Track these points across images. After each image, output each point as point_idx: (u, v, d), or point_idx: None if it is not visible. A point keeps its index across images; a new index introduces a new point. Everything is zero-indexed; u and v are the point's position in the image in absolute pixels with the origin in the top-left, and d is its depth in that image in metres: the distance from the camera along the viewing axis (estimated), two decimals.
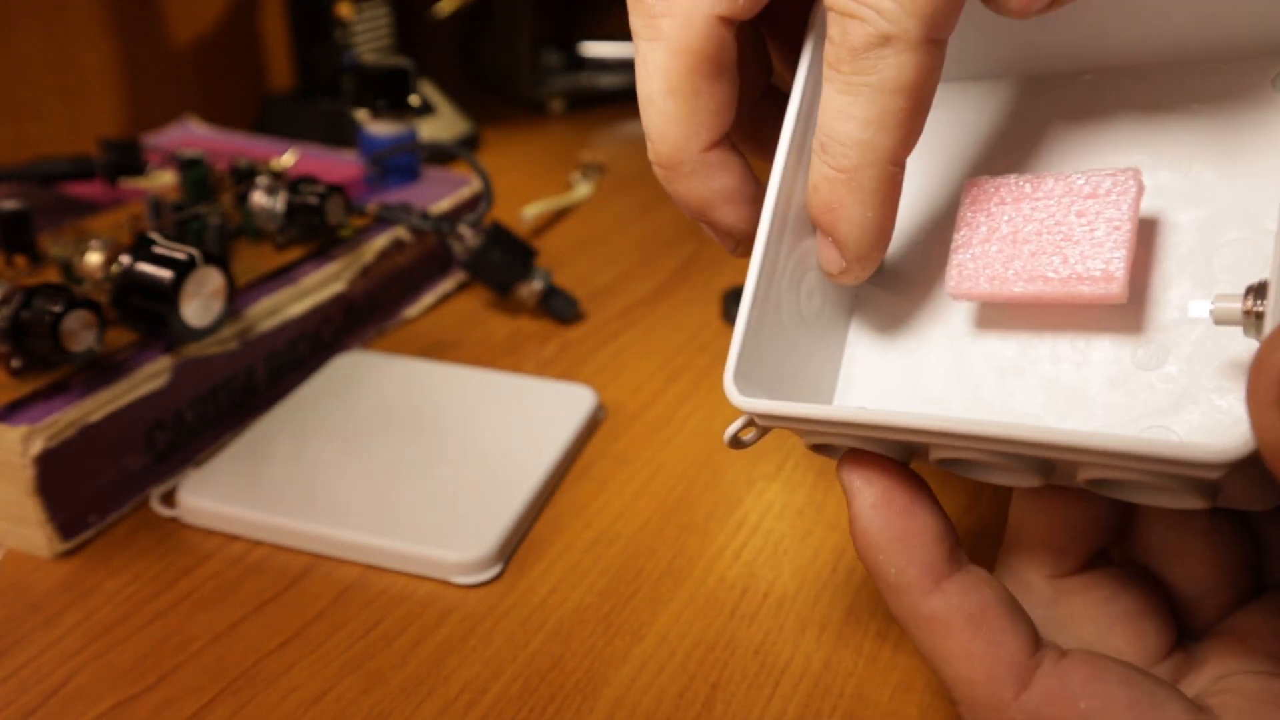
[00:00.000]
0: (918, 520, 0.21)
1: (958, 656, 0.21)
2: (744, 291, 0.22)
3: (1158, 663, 0.22)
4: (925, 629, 0.21)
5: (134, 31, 0.60)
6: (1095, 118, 0.23)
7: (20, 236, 0.36)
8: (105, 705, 0.26)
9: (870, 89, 0.20)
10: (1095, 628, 0.23)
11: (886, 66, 0.20)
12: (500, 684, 0.27)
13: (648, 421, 0.38)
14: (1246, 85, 0.22)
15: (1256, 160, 0.21)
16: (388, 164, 0.49)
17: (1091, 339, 0.21)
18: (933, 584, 0.21)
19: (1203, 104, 0.22)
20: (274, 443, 0.35)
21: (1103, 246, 0.20)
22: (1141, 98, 0.23)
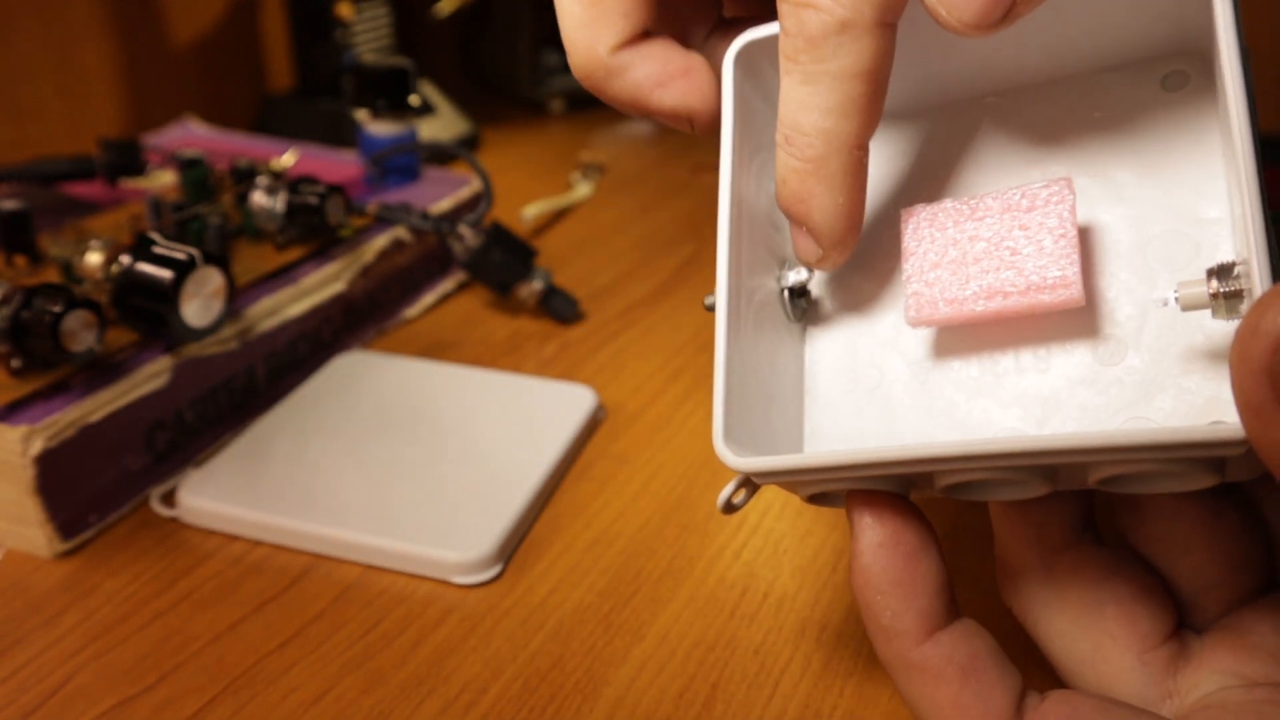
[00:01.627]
0: (922, 567, 0.21)
1: (947, 707, 0.21)
2: (716, 345, 0.22)
3: (1152, 649, 0.22)
4: (915, 677, 0.21)
5: (134, 31, 0.60)
6: (1006, 137, 0.24)
7: (20, 236, 0.36)
8: (105, 705, 0.26)
9: (830, 77, 0.20)
10: (1087, 610, 0.22)
11: (846, 53, 0.20)
12: (500, 684, 0.27)
13: (648, 421, 0.38)
14: (1140, 89, 0.23)
15: (1166, 156, 0.22)
16: (388, 164, 0.49)
17: (1051, 346, 0.22)
18: (927, 633, 0.21)
19: (1104, 111, 0.23)
20: (274, 443, 0.35)
21: (1053, 255, 0.21)
22: (1047, 112, 0.24)
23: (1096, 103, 0.23)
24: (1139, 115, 0.23)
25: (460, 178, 0.51)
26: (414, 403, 0.37)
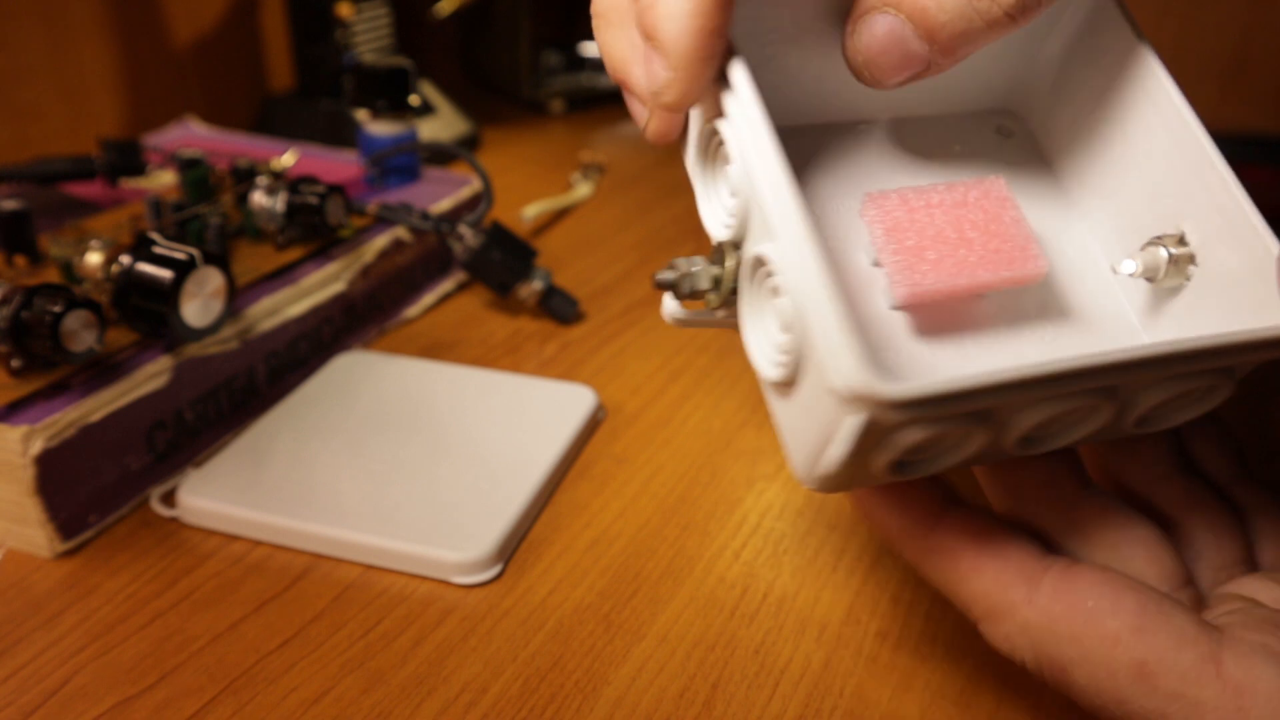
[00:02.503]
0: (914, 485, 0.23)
1: (968, 573, 0.22)
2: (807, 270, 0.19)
3: (1179, 589, 0.23)
4: (935, 560, 0.22)
5: (134, 32, 0.60)
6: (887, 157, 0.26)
7: (21, 236, 0.36)
8: (105, 705, 0.26)
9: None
10: (1113, 548, 0.23)
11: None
12: (500, 683, 0.27)
13: (648, 421, 0.38)
14: (983, 133, 0.27)
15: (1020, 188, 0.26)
16: (388, 164, 0.49)
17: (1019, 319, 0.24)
18: (935, 520, 0.22)
19: (962, 146, 0.27)
20: (274, 443, 0.35)
21: (1014, 235, 0.23)
22: (920, 142, 0.26)
23: (956, 139, 0.27)
24: (982, 154, 0.26)
25: (460, 178, 0.51)
26: (414, 403, 0.37)
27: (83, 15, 0.57)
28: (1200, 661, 0.20)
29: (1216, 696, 0.19)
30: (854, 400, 0.18)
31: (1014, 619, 0.21)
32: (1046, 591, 0.21)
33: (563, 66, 0.78)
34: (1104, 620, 0.20)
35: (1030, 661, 0.21)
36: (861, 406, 0.18)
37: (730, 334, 0.45)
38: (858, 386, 0.18)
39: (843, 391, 0.18)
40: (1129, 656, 0.20)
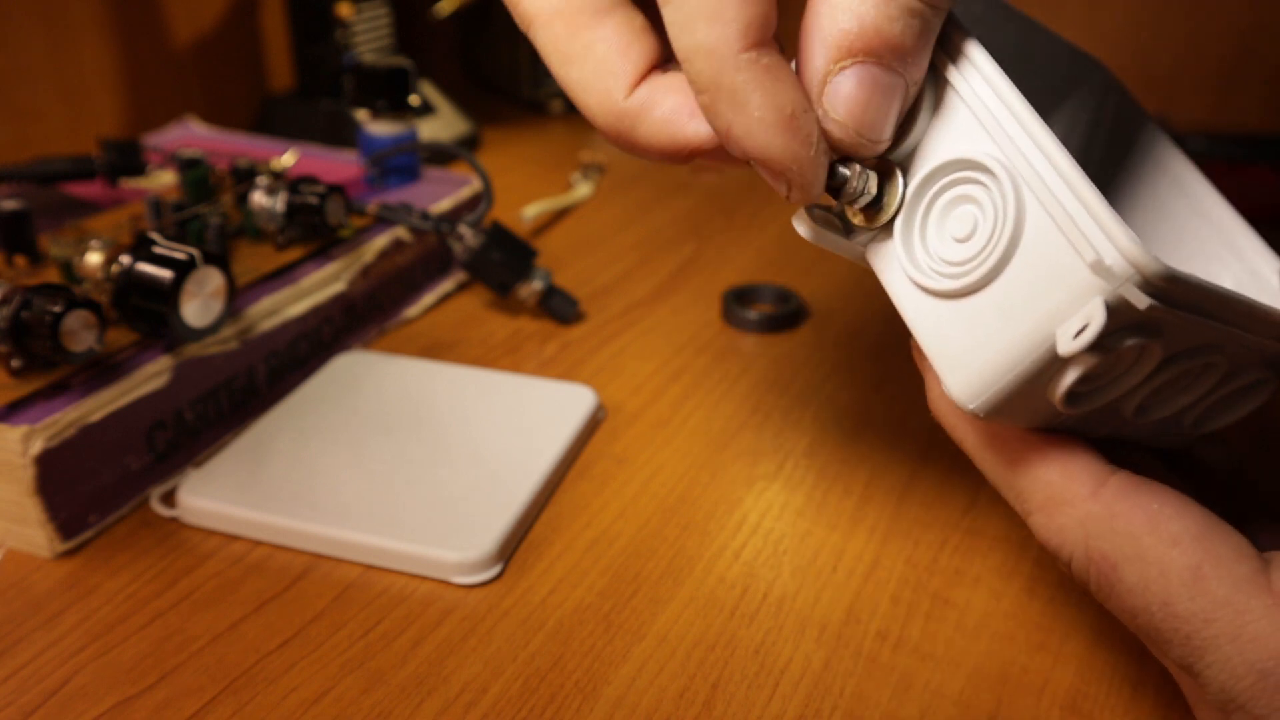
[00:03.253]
0: None
1: (1035, 460, 0.22)
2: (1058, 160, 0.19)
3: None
4: (1002, 445, 0.22)
5: (134, 32, 0.60)
6: None
7: (21, 236, 0.36)
8: (106, 705, 0.26)
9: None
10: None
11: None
12: (500, 683, 0.27)
13: (648, 421, 0.38)
14: None
15: None
16: (388, 164, 0.49)
17: None
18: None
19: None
20: (274, 443, 0.35)
21: None
22: None
23: None
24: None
25: (460, 178, 0.51)
26: (414, 403, 0.37)
27: (83, 15, 0.57)
28: (1253, 574, 0.20)
29: (1264, 607, 0.20)
30: (1114, 270, 0.18)
31: (1074, 510, 0.21)
32: (1112, 488, 0.21)
33: None
34: (1168, 522, 0.21)
35: (1079, 556, 0.21)
36: (1117, 280, 0.18)
37: (730, 335, 0.45)
38: (1134, 255, 0.18)
39: (1114, 264, 0.18)
40: (1186, 559, 0.20)
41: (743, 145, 0.20)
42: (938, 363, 0.21)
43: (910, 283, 0.21)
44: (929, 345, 0.21)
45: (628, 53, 0.21)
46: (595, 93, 0.21)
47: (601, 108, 0.21)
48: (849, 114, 0.20)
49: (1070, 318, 0.18)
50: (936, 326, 0.21)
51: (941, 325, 0.21)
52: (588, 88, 0.21)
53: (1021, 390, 0.20)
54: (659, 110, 0.21)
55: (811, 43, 0.20)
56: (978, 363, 0.20)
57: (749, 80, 0.19)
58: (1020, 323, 0.19)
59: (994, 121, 0.20)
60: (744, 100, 0.19)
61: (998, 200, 0.20)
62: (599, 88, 0.21)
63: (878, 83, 0.20)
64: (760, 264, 0.52)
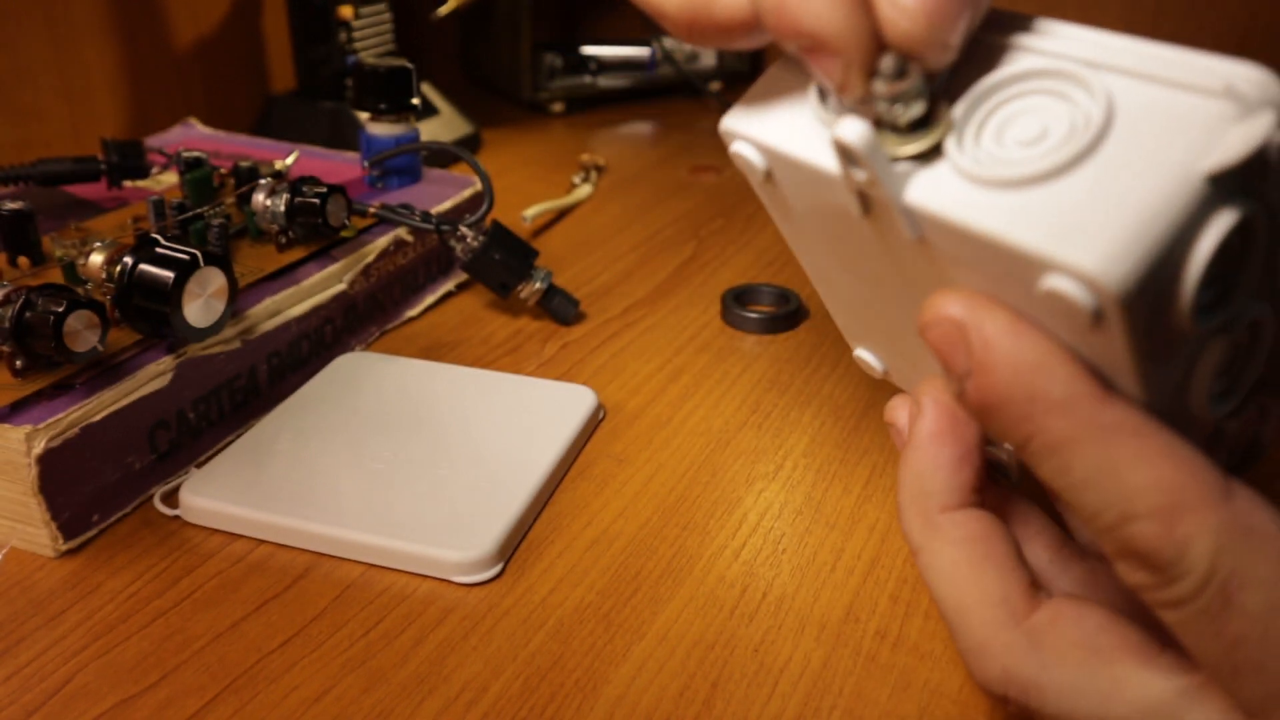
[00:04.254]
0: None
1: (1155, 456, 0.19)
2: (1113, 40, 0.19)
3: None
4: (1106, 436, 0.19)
5: (136, 33, 0.60)
6: None
7: (24, 237, 0.37)
8: (107, 704, 0.26)
9: None
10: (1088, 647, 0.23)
11: None
12: (501, 682, 0.27)
13: (648, 421, 0.39)
14: None
15: None
16: (389, 165, 0.49)
17: None
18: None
19: None
20: (276, 442, 0.35)
21: None
22: None
23: None
24: None
25: (461, 179, 0.51)
26: (415, 403, 0.37)
27: (85, 16, 0.57)
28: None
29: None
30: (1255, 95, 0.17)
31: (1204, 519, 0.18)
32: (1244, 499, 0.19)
33: (563, 68, 0.78)
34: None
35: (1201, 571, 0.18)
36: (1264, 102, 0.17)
37: (730, 335, 0.45)
38: (1265, 78, 0.17)
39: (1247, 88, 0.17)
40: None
41: (797, 15, 0.18)
42: (1045, 250, 0.17)
43: (981, 187, 0.18)
44: (1026, 240, 0.18)
45: None
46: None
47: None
48: (918, 4, 0.18)
49: (1211, 148, 0.17)
50: (1032, 217, 0.18)
51: (1038, 213, 0.18)
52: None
53: (1168, 254, 0.17)
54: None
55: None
56: (1111, 227, 0.17)
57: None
58: (1153, 174, 0.17)
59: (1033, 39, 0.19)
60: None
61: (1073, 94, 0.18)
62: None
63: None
64: (760, 264, 0.52)
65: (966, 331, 0.19)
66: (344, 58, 0.65)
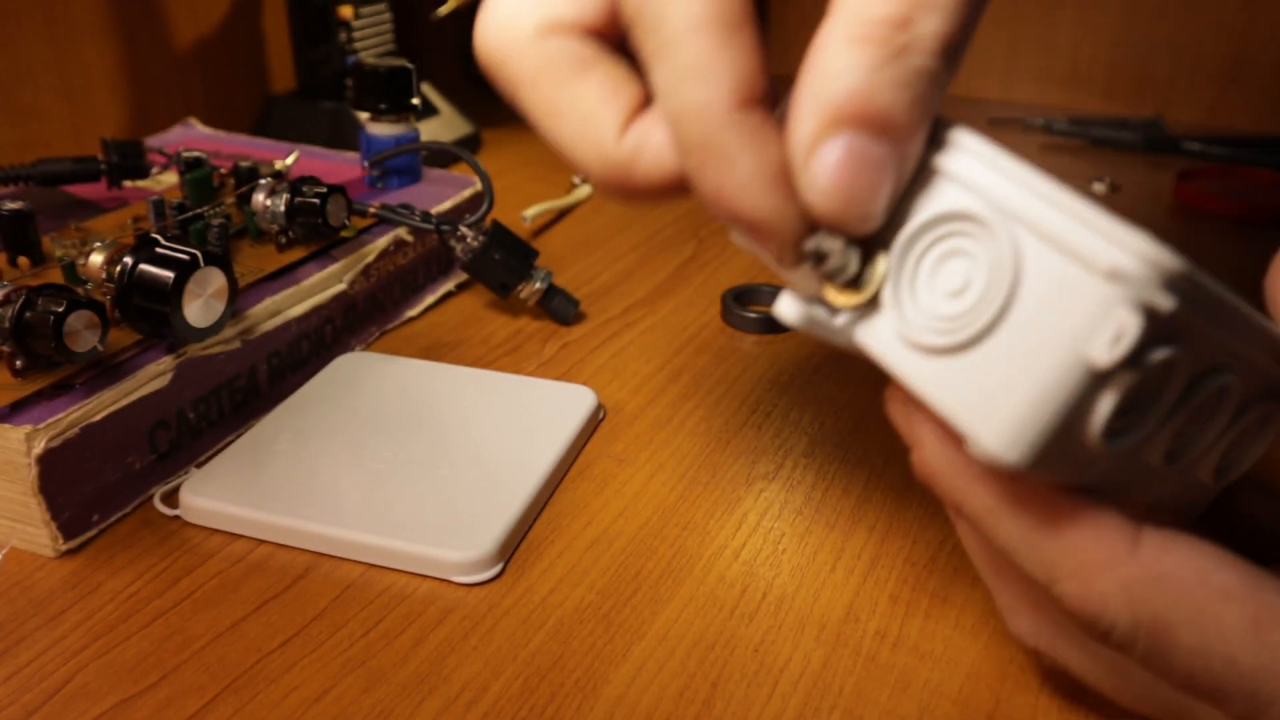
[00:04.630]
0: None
1: (1063, 523, 0.20)
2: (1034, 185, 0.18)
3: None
4: (1024, 508, 0.20)
5: (136, 33, 0.60)
6: None
7: (24, 237, 0.37)
8: (107, 704, 0.26)
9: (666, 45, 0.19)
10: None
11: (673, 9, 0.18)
12: (501, 682, 0.27)
13: (648, 421, 0.39)
14: None
15: None
16: (389, 165, 0.49)
17: None
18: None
19: None
20: (276, 442, 0.35)
21: None
22: None
23: None
24: None
25: (461, 179, 0.51)
26: (415, 403, 0.37)
27: (85, 16, 0.57)
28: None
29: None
30: (1133, 274, 0.17)
31: (1114, 575, 0.19)
32: (1149, 546, 0.20)
33: None
34: (1215, 575, 0.19)
35: (1124, 622, 0.20)
36: (1139, 282, 0.17)
37: (730, 335, 0.45)
38: (1151, 253, 0.17)
39: (1131, 269, 0.17)
40: (1243, 612, 0.19)
41: (730, 206, 0.19)
42: (961, 422, 0.19)
43: (911, 348, 0.20)
44: (947, 407, 0.19)
45: (614, 100, 0.21)
46: (586, 143, 0.21)
47: (595, 157, 0.21)
48: (833, 187, 0.18)
49: (1096, 334, 0.17)
50: (951, 386, 0.19)
51: (956, 383, 0.19)
52: (578, 139, 0.21)
53: (1062, 429, 0.18)
54: (653, 143, 0.20)
55: (801, 105, 0.19)
56: (1008, 409, 0.18)
57: (737, 140, 0.18)
58: (1045, 355, 0.18)
59: (963, 167, 0.19)
60: (733, 160, 0.18)
61: (989, 244, 0.19)
62: (589, 138, 0.21)
63: (866, 156, 0.18)
64: (760, 264, 0.52)
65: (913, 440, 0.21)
66: (344, 58, 0.65)
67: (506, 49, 0.21)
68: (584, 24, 0.21)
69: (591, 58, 0.21)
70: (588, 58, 0.21)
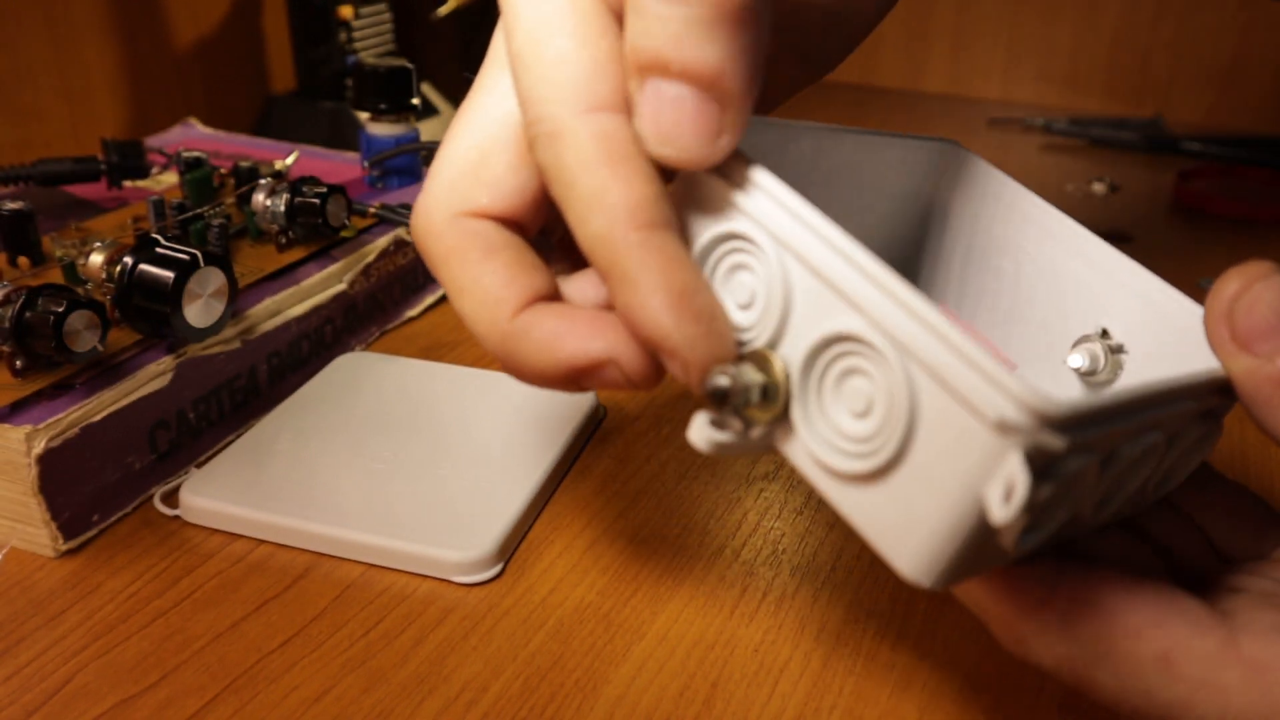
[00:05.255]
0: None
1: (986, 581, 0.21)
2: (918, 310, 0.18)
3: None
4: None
5: (136, 33, 0.60)
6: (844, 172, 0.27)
7: (24, 237, 0.37)
8: (107, 704, 0.26)
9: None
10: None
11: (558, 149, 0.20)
12: (501, 682, 0.27)
13: (648, 421, 0.39)
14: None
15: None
16: (389, 165, 0.49)
17: None
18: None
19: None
20: (276, 442, 0.35)
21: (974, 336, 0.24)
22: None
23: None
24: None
25: None
26: (415, 403, 0.37)
27: (85, 16, 0.57)
28: (1220, 646, 0.20)
29: (1240, 679, 0.20)
30: (1019, 425, 0.17)
31: (1032, 621, 0.21)
32: (1064, 595, 0.21)
33: None
34: (1124, 616, 0.20)
35: (1049, 663, 0.21)
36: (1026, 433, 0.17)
37: None
38: (1033, 403, 0.17)
39: (1016, 419, 0.17)
40: (1152, 649, 0.20)
41: (637, 324, 0.20)
42: (877, 546, 0.20)
43: (826, 471, 0.20)
44: (863, 529, 0.20)
45: (512, 285, 0.22)
46: (483, 319, 0.22)
47: (488, 331, 0.22)
48: (648, 127, 0.20)
49: (992, 477, 0.17)
50: (866, 510, 0.20)
51: (870, 507, 0.20)
52: (477, 315, 0.22)
53: (970, 553, 0.19)
54: (538, 331, 0.22)
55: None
56: (916, 540, 0.19)
57: (638, 261, 0.20)
58: (946, 493, 0.18)
59: (849, 289, 0.19)
60: (635, 280, 0.20)
61: (883, 369, 0.19)
62: (485, 315, 0.22)
63: (662, 97, 0.20)
64: None
65: None
66: (344, 58, 0.65)
67: (428, 228, 0.23)
68: (498, 212, 0.23)
69: (500, 244, 0.23)
70: (496, 244, 0.23)
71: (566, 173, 0.20)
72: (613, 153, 0.20)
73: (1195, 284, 0.45)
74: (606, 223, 0.20)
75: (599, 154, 0.20)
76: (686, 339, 0.20)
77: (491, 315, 0.22)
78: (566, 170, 0.20)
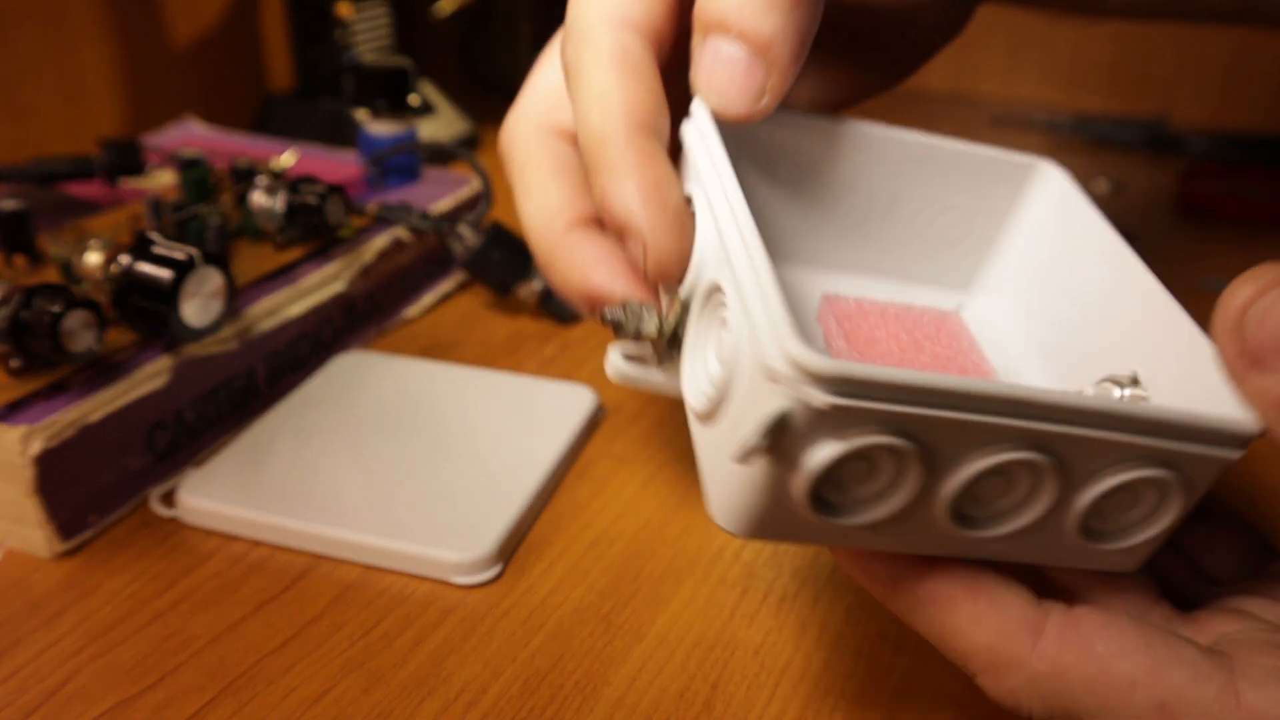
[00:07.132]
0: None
1: (967, 625, 0.21)
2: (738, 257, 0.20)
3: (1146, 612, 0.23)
4: (929, 610, 0.21)
5: (134, 31, 0.60)
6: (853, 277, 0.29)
7: (20, 236, 0.36)
8: (105, 705, 0.26)
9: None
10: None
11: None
12: (500, 684, 0.27)
13: (648, 421, 0.38)
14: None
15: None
16: (388, 164, 0.49)
17: None
18: (925, 568, 0.21)
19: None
20: (274, 443, 0.35)
21: (967, 351, 0.25)
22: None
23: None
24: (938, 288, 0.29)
25: (460, 178, 0.51)
26: (414, 403, 0.37)
27: (82, 15, 0.57)
28: (1219, 694, 0.19)
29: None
30: (783, 375, 0.17)
31: (1020, 672, 0.20)
32: (1052, 639, 0.20)
33: None
34: (1117, 664, 0.20)
35: (1040, 713, 0.20)
36: (790, 383, 0.17)
37: None
38: (794, 352, 0.17)
39: (774, 362, 0.18)
40: (1149, 699, 0.19)
41: (609, 207, 0.22)
42: (704, 487, 0.20)
43: (689, 409, 0.21)
44: (701, 468, 0.21)
45: (574, 202, 0.25)
46: (539, 224, 0.25)
47: (541, 235, 0.25)
48: (702, 77, 0.22)
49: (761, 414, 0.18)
50: (702, 449, 0.20)
51: (704, 447, 0.20)
52: (534, 219, 0.26)
53: (773, 507, 0.19)
54: (579, 253, 0.24)
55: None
56: (724, 484, 0.19)
57: (621, 152, 0.22)
58: (739, 439, 0.18)
59: (729, 245, 0.20)
60: (615, 167, 0.22)
61: (734, 319, 0.20)
62: (542, 220, 0.25)
63: (719, 54, 0.22)
64: None
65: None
66: (342, 56, 0.65)
67: (514, 135, 0.27)
68: (569, 125, 0.26)
69: (572, 165, 0.26)
70: (568, 163, 0.26)
71: (583, 68, 0.23)
72: (626, 62, 0.22)
73: (1200, 284, 0.45)
74: (603, 116, 0.22)
75: (615, 60, 0.22)
76: (650, 223, 0.22)
77: (548, 222, 0.25)
78: (584, 66, 0.23)
